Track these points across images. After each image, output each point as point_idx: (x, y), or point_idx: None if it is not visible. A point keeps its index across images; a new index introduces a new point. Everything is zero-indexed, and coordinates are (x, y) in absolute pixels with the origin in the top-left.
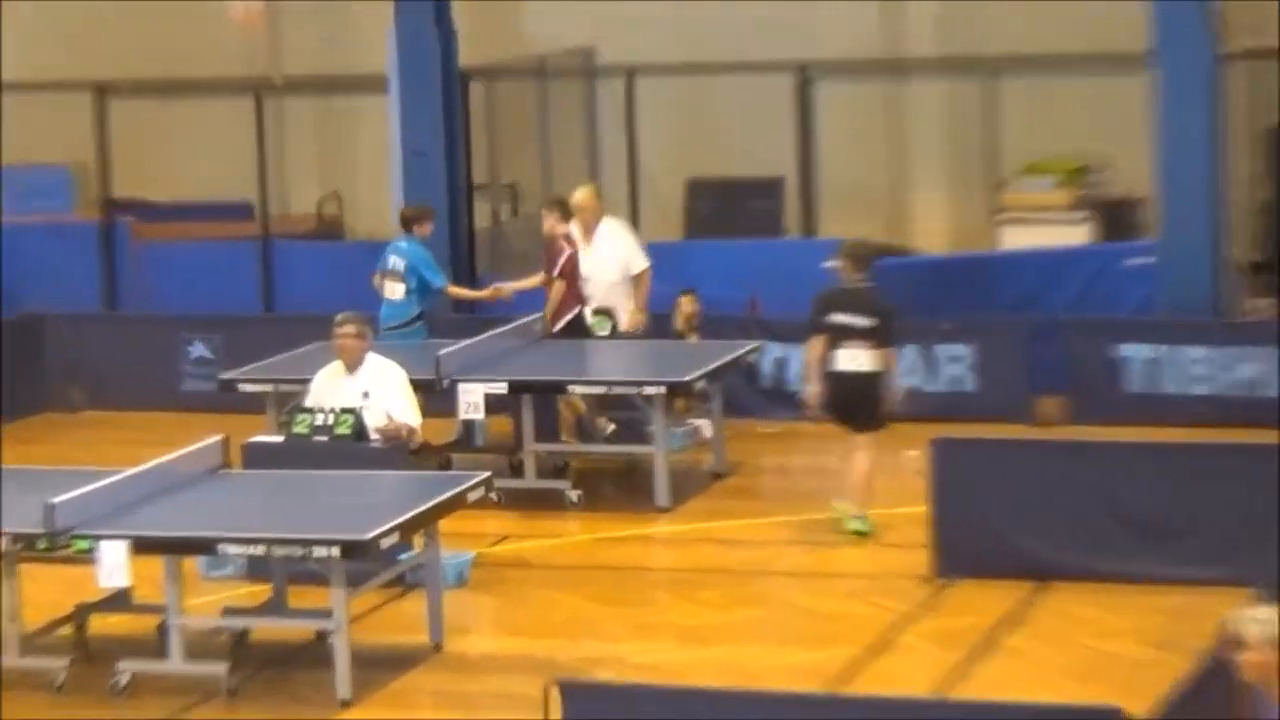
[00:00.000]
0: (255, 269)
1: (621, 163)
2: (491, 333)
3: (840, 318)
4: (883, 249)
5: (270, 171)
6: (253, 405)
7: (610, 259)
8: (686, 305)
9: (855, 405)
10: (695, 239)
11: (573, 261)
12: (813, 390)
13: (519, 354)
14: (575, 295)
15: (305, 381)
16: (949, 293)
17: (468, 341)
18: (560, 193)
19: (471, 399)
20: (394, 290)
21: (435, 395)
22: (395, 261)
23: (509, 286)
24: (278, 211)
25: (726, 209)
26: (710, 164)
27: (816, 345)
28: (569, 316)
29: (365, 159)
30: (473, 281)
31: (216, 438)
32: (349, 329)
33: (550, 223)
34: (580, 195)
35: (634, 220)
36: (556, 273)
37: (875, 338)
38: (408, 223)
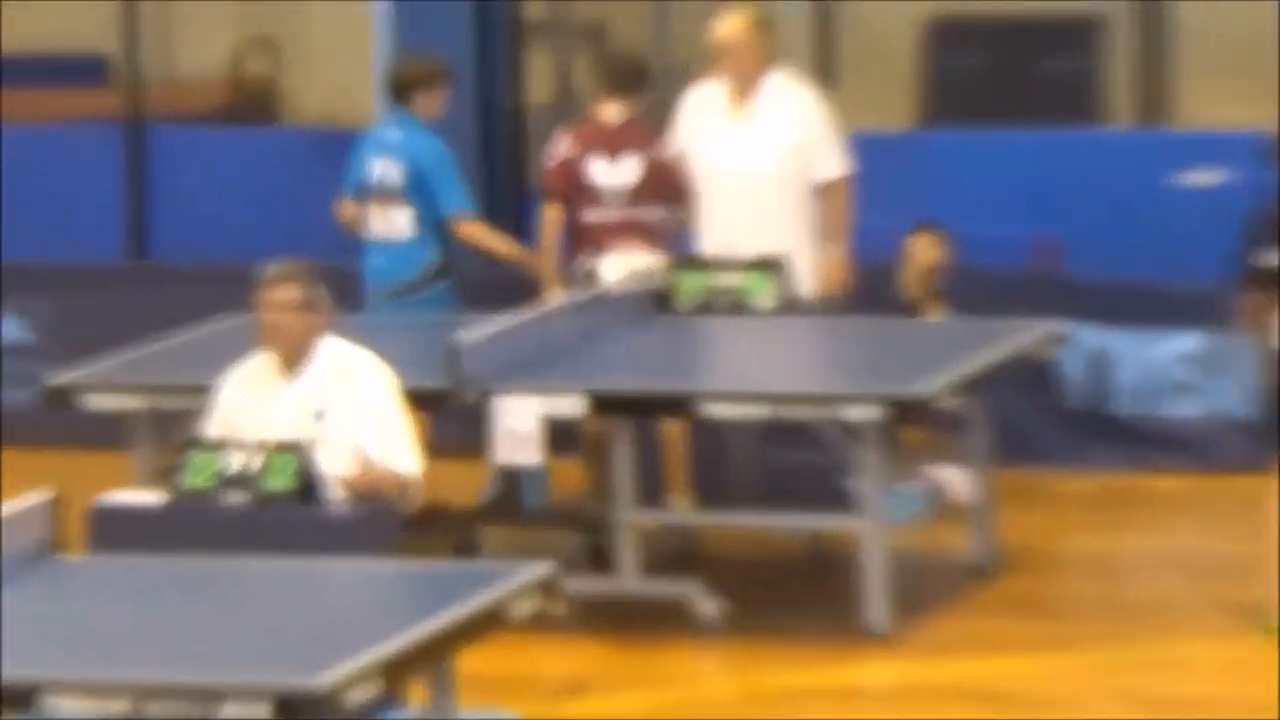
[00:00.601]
0: (115, 177)
1: None
2: (554, 304)
3: None
4: None
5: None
6: (109, 433)
7: (776, 143)
8: (924, 252)
9: None
10: (940, 128)
11: (565, 173)
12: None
13: (604, 340)
14: (581, 232)
15: (206, 390)
16: None
17: (513, 320)
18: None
19: (518, 425)
20: (388, 220)
21: (451, 418)
22: (385, 169)
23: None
24: (160, 74)
25: (999, 75)
26: None
27: (1253, 306)
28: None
29: None
30: (517, 204)
31: (41, 496)
32: (287, 294)
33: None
34: (730, 28)
35: (826, 93)
36: (543, 190)
37: None
38: (402, 90)
